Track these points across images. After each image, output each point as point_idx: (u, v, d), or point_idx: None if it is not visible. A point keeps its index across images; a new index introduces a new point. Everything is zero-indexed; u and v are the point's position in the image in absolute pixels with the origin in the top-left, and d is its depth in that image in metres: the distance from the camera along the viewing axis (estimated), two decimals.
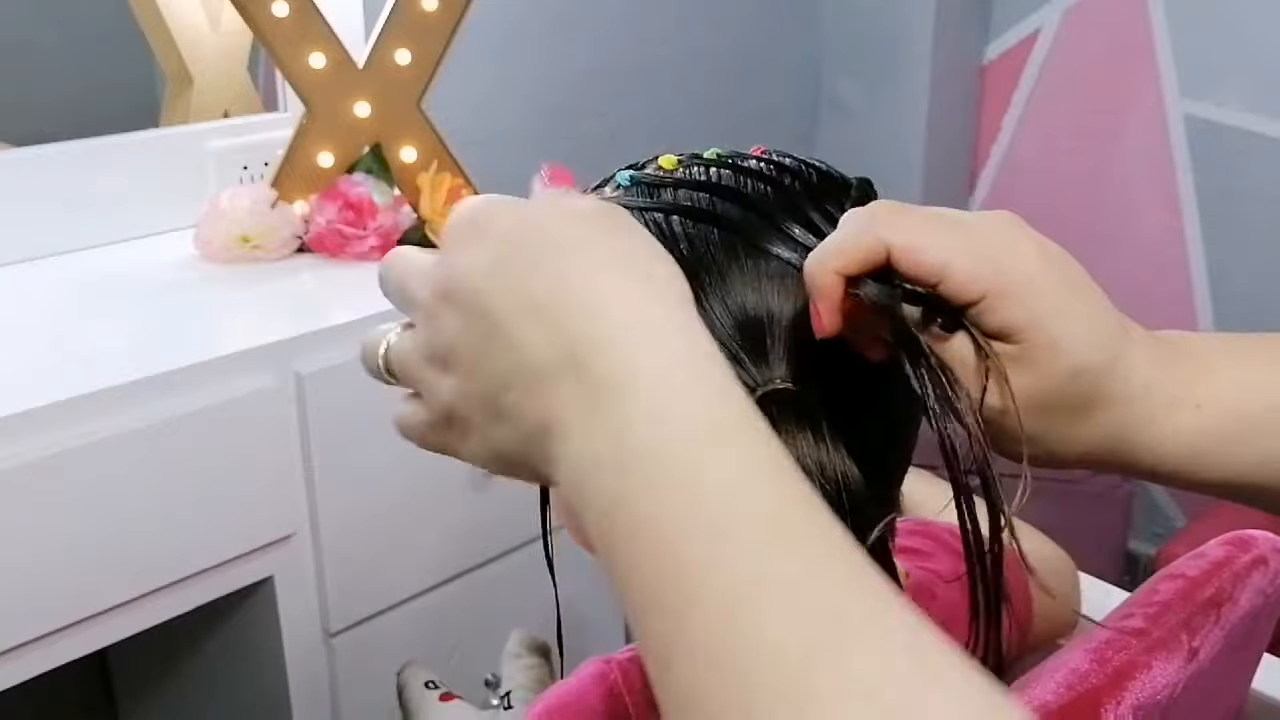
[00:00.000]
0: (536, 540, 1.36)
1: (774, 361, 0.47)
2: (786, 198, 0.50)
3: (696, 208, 0.49)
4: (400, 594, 1.14)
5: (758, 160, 0.52)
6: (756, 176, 0.50)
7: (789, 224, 0.48)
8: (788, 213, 0.49)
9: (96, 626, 0.93)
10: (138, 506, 0.92)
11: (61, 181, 1.22)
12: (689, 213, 0.49)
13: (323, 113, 1.22)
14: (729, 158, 0.52)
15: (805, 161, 0.52)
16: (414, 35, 1.23)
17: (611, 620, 1.39)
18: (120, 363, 0.94)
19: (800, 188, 0.50)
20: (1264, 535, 0.69)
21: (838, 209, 0.49)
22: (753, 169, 0.51)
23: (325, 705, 1.13)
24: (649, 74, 1.82)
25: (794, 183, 0.50)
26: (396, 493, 1.10)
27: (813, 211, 0.49)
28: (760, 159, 0.52)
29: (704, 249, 0.48)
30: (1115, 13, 1.90)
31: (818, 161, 0.53)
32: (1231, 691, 0.73)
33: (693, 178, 0.51)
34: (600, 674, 0.55)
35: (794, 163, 0.52)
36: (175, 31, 1.31)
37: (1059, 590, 0.78)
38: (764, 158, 0.52)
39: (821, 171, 0.52)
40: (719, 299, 0.47)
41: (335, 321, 1.06)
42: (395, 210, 1.23)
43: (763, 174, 0.51)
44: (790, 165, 0.51)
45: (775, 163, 0.52)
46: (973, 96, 2.10)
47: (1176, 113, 1.88)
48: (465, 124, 1.51)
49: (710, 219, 0.49)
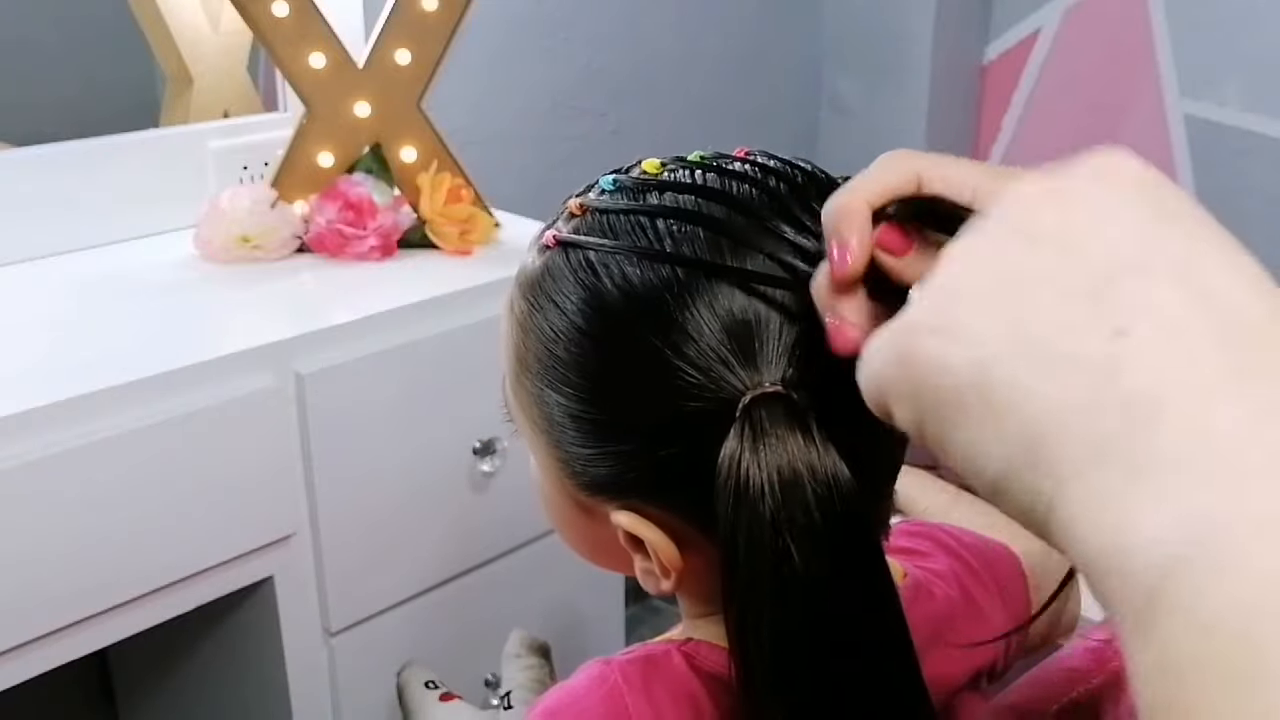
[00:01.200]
0: (536, 540, 1.37)
1: (763, 365, 0.47)
2: (772, 198, 0.49)
3: (682, 209, 0.49)
4: (400, 594, 1.14)
5: (742, 162, 0.52)
6: (742, 178, 0.50)
7: (776, 224, 0.48)
8: (774, 213, 0.49)
9: (96, 626, 0.93)
10: (138, 506, 0.92)
11: (61, 181, 1.22)
12: (675, 214, 0.49)
13: (323, 113, 1.22)
14: (713, 160, 0.52)
15: (790, 162, 0.52)
16: (414, 35, 1.23)
17: (612, 620, 1.39)
18: (120, 363, 0.94)
19: (786, 188, 0.50)
20: None
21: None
22: (738, 171, 0.51)
23: (325, 705, 1.13)
24: (649, 74, 1.82)
25: (779, 184, 0.50)
26: (396, 493, 1.10)
27: (800, 211, 0.49)
28: (745, 160, 0.52)
29: (690, 251, 0.48)
30: (1115, 13, 1.90)
31: (803, 161, 0.53)
32: None
33: (678, 180, 0.51)
34: (600, 674, 0.55)
35: (779, 164, 0.52)
36: (175, 31, 1.31)
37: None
38: (748, 159, 0.52)
39: (807, 172, 0.52)
40: (706, 302, 0.47)
41: (335, 321, 1.06)
42: (395, 210, 1.23)
43: (748, 175, 0.50)
44: (775, 166, 0.51)
45: (760, 164, 0.51)
46: (973, 96, 2.10)
47: (1176, 113, 1.88)
48: (465, 124, 1.51)
49: (696, 220, 0.49)
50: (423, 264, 1.22)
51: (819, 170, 0.53)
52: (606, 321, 0.50)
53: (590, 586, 1.34)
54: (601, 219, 0.51)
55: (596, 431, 0.51)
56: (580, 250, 0.51)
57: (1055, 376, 0.30)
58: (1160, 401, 0.28)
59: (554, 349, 0.52)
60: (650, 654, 0.56)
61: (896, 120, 2.02)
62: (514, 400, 0.56)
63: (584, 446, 0.52)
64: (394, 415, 1.08)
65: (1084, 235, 0.33)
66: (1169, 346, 0.29)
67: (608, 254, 0.50)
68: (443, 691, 1.04)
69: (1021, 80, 2.05)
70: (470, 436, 1.14)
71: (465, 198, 1.26)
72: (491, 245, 1.27)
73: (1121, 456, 0.28)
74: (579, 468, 0.53)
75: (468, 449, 1.15)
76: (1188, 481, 0.27)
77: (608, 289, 0.50)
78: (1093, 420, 0.29)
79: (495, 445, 1.15)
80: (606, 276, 0.50)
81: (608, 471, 0.52)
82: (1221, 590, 0.26)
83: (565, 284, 0.51)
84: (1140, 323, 0.30)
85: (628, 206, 0.51)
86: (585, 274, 0.50)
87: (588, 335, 0.50)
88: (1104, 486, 0.28)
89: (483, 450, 1.15)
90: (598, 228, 0.51)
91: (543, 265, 0.53)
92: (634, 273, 0.49)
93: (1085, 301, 0.31)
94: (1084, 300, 0.31)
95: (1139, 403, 0.29)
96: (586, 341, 0.50)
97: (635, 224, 0.50)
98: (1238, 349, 0.29)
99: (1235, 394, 0.28)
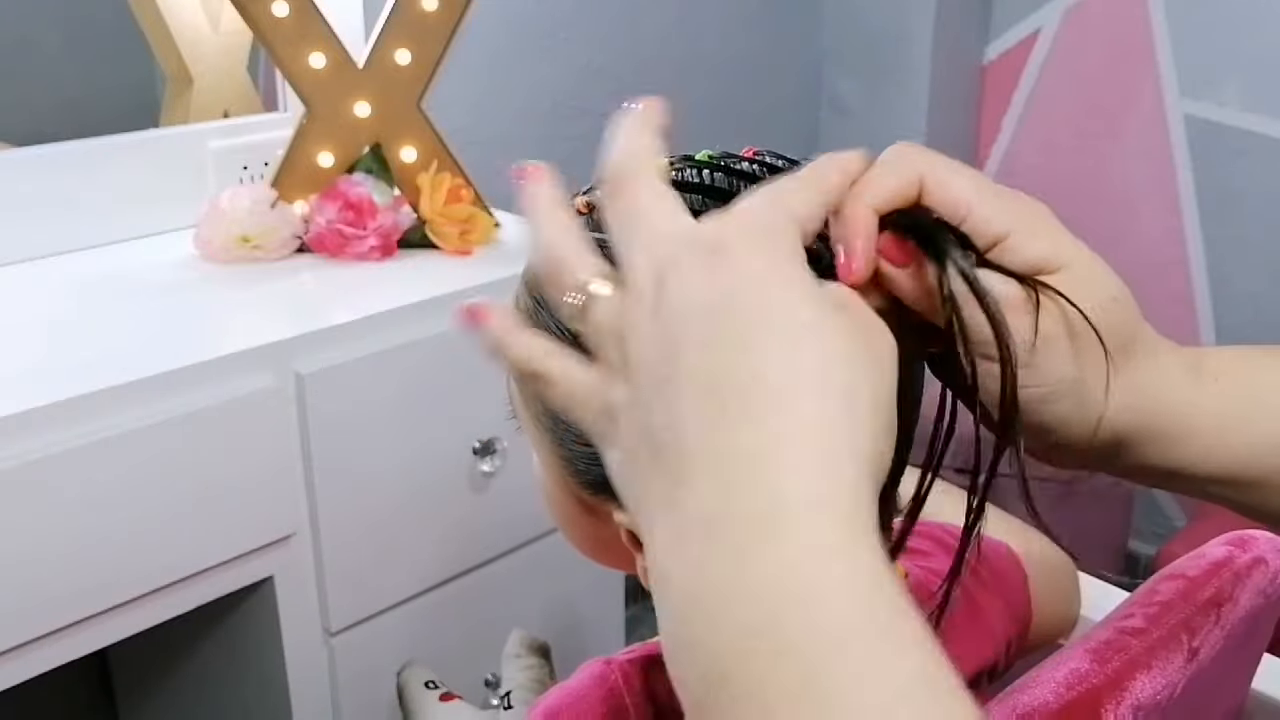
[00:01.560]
0: (536, 541, 1.36)
1: None
2: None
3: (690, 209, 0.49)
4: (400, 594, 1.14)
5: (750, 162, 0.52)
6: (749, 179, 0.50)
7: None
8: None
9: (96, 626, 0.93)
10: (138, 506, 0.92)
11: (61, 181, 1.22)
12: None
13: (323, 113, 1.22)
14: (721, 159, 0.52)
15: (798, 162, 0.52)
16: (414, 35, 1.23)
17: (612, 620, 1.39)
18: (120, 363, 0.94)
19: None
20: (1264, 535, 0.69)
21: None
22: (745, 171, 0.51)
23: (325, 705, 1.13)
24: (649, 74, 1.83)
25: None
26: (396, 493, 1.10)
27: None
28: (753, 161, 0.52)
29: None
30: (1115, 13, 1.90)
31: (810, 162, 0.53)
32: (1231, 691, 0.73)
33: (686, 180, 0.51)
34: (600, 674, 0.55)
35: (786, 164, 0.52)
36: (175, 31, 1.31)
37: (1059, 590, 0.78)
38: (756, 159, 0.52)
39: None
40: None
41: (335, 321, 1.06)
42: (395, 210, 1.23)
43: (755, 176, 0.50)
44: (783, 167, 0.51)
45: (768, 164, 0.51)
46: (973, 96, 2.10)
47: (1176, 113, 1.88)
48: (465, 124, 1.51)
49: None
50: (423, 264, 1.22)
51: None
52: None
53: (590, 586, 1.34)
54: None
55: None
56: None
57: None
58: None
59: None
60: (651, 653, 0.56)
61: (896, 120, 2.02)
62: (518, 397, 0.56)
63: (588, 445, 0.52)
64: (394, 415, 1.08)
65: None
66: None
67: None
68: (443, 691, 1.04)
69: (1021, 80, 2.05)
70: (470, 436, 1.14)
71: (465, 198, 1.26)
72: (491, 245, 1.27)
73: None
74: (582, 466, 0.53)
75: (468, 449, 1.15)
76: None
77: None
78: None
79: (495, 445, 1.15)
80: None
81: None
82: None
83: None
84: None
85: None
86: None
87: None
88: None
89: (483, 450, 1.15)
90: (604, 227, 0.51)
91: None
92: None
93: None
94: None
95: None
96: None
97: None
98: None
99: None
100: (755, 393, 0.34)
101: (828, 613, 0.32)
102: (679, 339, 0.36)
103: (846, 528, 0.33)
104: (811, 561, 0.33)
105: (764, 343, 0.35)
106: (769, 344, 0.35)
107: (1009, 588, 0.70)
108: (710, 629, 0.33)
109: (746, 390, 0.34)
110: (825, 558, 0.33)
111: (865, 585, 0.33)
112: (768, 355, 0.35)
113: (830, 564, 0.33)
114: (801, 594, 0.32)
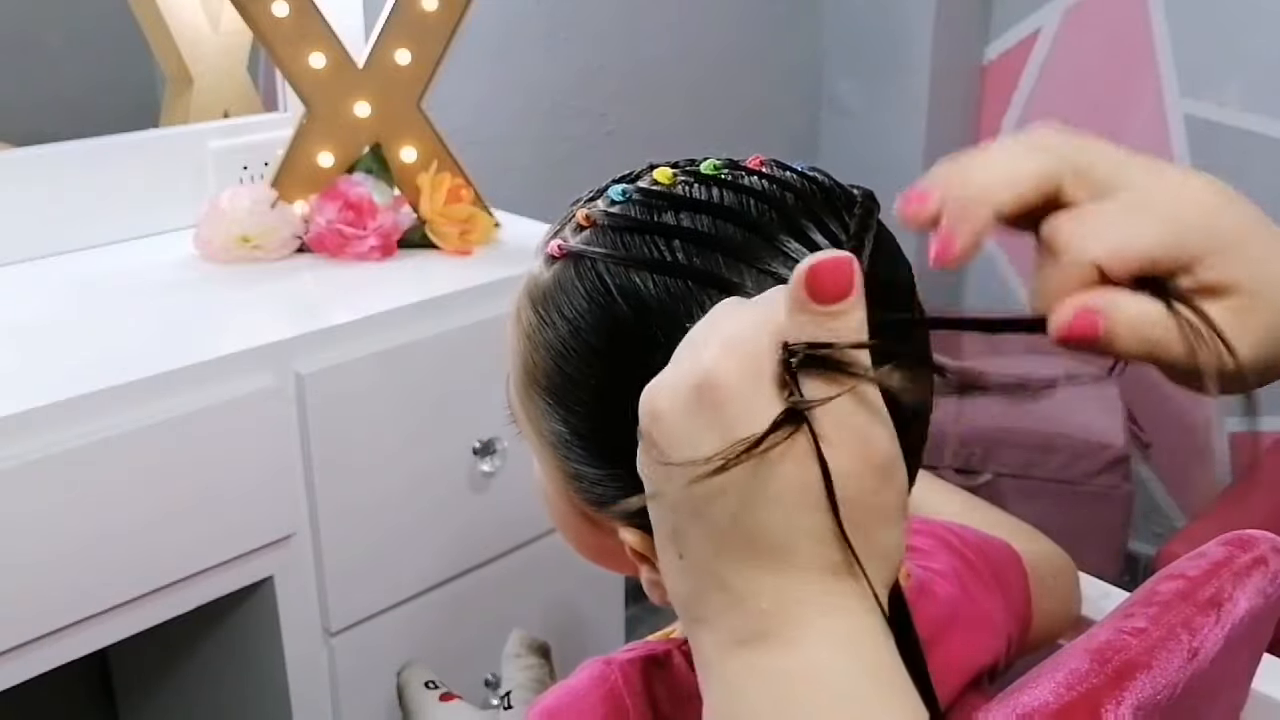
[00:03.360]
0: (536, 541, 1.36)
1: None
2: (789, 219, 0.48)
3: (699, 231, 0.48)
4: (400, 594, 1.14)
5: (757, 175, 0.50)
6: (759, 196, 0.49)
7: (789, 244, 0.47)
8: (789, 232, 0.48)
9: (96, 626, 0.93)
10: (138, 506, 0.92)
11: (61, 181, 1.22)
12: (691, 237, 0.48)
13: (323, 113, 1.22)
14: (727, 170, 0.51)
15: (806, 175, 0.51)
16: (414, 35, 1.23)
17: (612, 620, 1.39)
18: (120, 363, 0.94)
19: (801, 205, 0.49)
20: (1264, 535, 0.69)
21: (841, 226, 0.48)
22: (754, 187, 0.49)
23: (325, 705, 1.13)
24: (649, 74, 1.83)
25: (797, 201, 0.49)
26: (396, 493, 1.10)
27: (814, 231, 0.48)
28: (760, 174, 0.50)
29: (706, 274, 0.47)
30: (1115, 13, 1.91)
31: (819, 174, 0.51)
32: (1231, 691, 0.73)
33: (692, 197, 0.49)
34: (600, 674, 0.55)
35: (796, 178, 0.50)
36: (175, 31, 1.31)
37: (1059, 590, 0.78)
38: (764, 172, 0.51)
39: (824, 186, 0.50)
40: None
41: (335, 321, 1.06)
42: (395, 210, 1.23)
43: (764, 193, 0.49)
44: (793, 181, 0.50)
45: (777, 179, 0.50)
46: (973, 96, 2.10)
47: (1176, 113, 1.88)
48: (465, 124, 1.51)
49: (712, 244, 0.47)
50: (423, 264, 1.22)
51: (835, 182, 0.51)
52: (619, 343, 0.48)
53: (590, 586, 1.34)
54: (615, 236, 0.50)
55: (606, 455, 0.50)
56: (591, 266, 0.50)
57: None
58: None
59: (564, 366, 0.50)
60: (651, 653, 0.56)
61: (896, 120, 2.02)
62: (520, 410, 0.55)
63: (592, 466, 0.51)
64: (394, 415, 1.08)
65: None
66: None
67: (621, 272, 0.48)
68: (443, 691, 1.04)
69: (1021, 80, 2.05)
70: (470, 436, 1.14)
71: (465, 198, 1.26)
72: (491, 245, 1.27)
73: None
74: (586, 485, 0.52)
75: (468, 449, 1.15)
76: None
77: (621, 310, 0.48)
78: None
79: (495, 445, 1.15)
80: (620, 297, 0.48)
81: (616, 492, 0.50)
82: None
83: (577, 300, 0.50)
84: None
85: (640, 224, 0.49)
86: (598, 293, 0.49)
87: (600, 355, 0.49)
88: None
89: (483, 450, 1.15)
90: (609, 244, 0.49)
91: (552, 278, 0.51)
92: (648, 294, 0.47)
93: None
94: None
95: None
96: (598, 361, 0.49)
97: (649, 243, 0.48)
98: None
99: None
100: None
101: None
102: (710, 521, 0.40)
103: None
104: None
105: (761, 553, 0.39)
106: (766, 558, 0.39)
107: (1009, 587, 0.70)
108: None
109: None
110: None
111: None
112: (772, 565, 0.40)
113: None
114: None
